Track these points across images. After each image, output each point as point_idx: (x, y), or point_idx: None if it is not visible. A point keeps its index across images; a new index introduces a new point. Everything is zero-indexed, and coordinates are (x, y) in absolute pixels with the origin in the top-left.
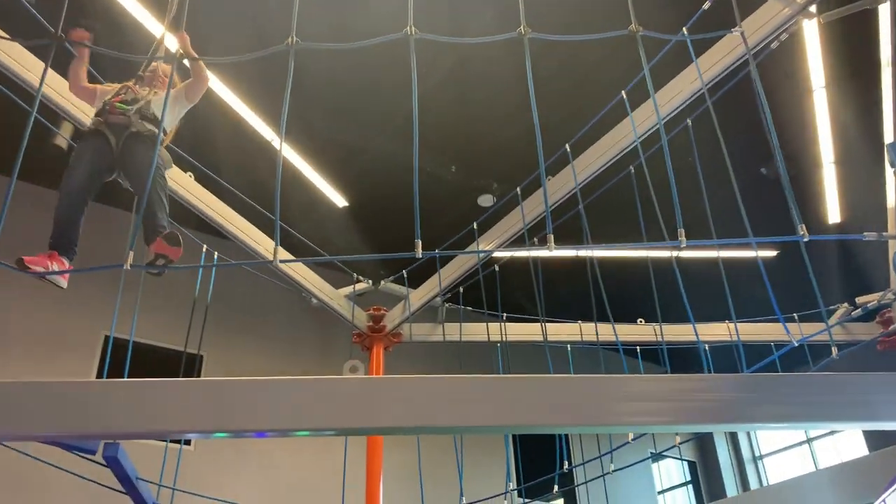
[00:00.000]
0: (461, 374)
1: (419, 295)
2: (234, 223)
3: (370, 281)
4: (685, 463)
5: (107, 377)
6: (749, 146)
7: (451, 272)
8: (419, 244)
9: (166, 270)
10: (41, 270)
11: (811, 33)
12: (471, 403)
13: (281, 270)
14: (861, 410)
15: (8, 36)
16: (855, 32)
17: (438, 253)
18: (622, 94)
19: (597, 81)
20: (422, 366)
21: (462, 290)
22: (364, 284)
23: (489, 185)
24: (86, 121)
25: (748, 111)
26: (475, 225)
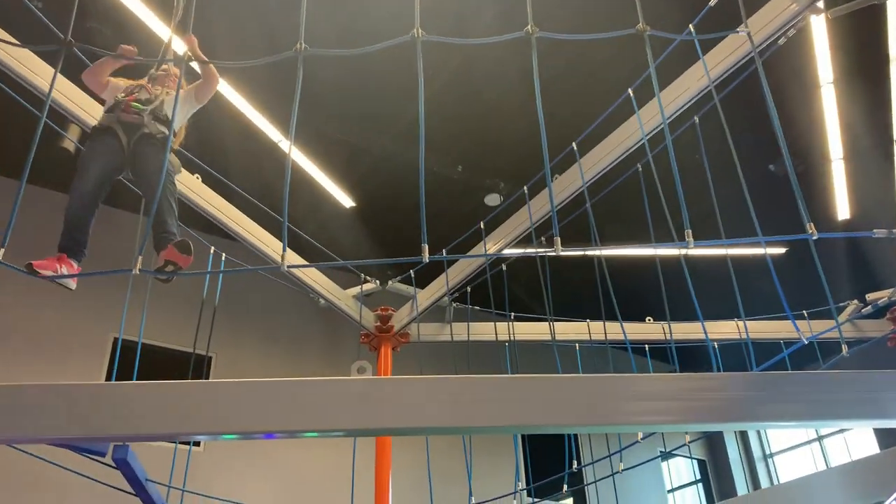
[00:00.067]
0: (469, 374)
1: (427, 295)
2: (242, 225)
3: (377, 281)
4: (695, 461)
5: (116, 379)
6: (757, 143)
7: (459, 272)
8: (426, 248)
9: (175, 277)
10: (50, 274)
11: (819, 29)
12: (479, 404)
13: (289, 272)
14: (872, 408)
15: (18, 42)
16: (863, 28)
17: (445, 257)
18: (629, 92)
19: (603, 80)
20: (429, 366)
21: (470, 290)
22: (371, 285)
23: (496, 185)
24: (93, 122)
25: (756, 108)
26: (482, 224)
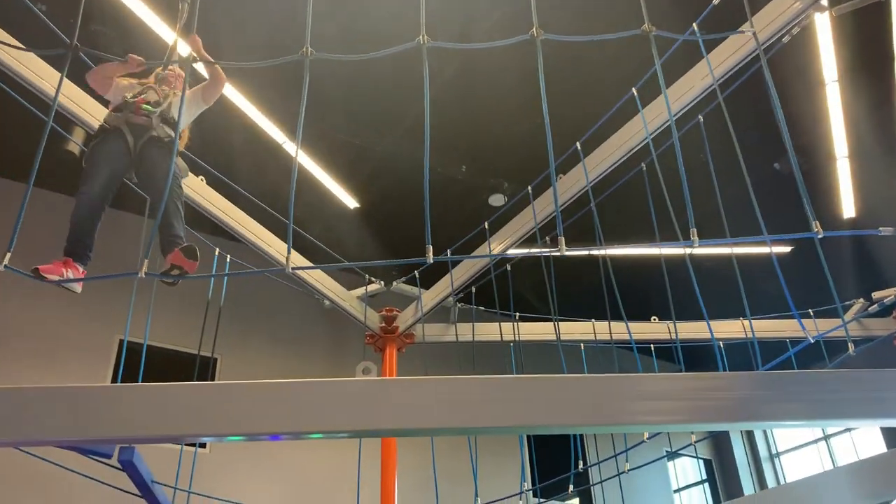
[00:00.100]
0: (474, 375)
1: (431, 295)
2: (247, 227)
3: (382, 282)
4: (701, 461)
5: (121, 381)
6: (762, 141)
7: (463, 272)
8: (430, 249)
9: (180, 280)
10: (57, 279)
11: (823, 27)
12: (485, 404)
13: (294, 274)
14: (879, 407)
15: (24, 46)
16: (867, 25)
17: (450, 258)
18: (633, 91)
19: (608, 79)
20: (434, 366)
21: (474, 290)
22: (376, 285)
23: (500, 185)
24: (97, 123)
25: (761, 106)
26: (486, 224)
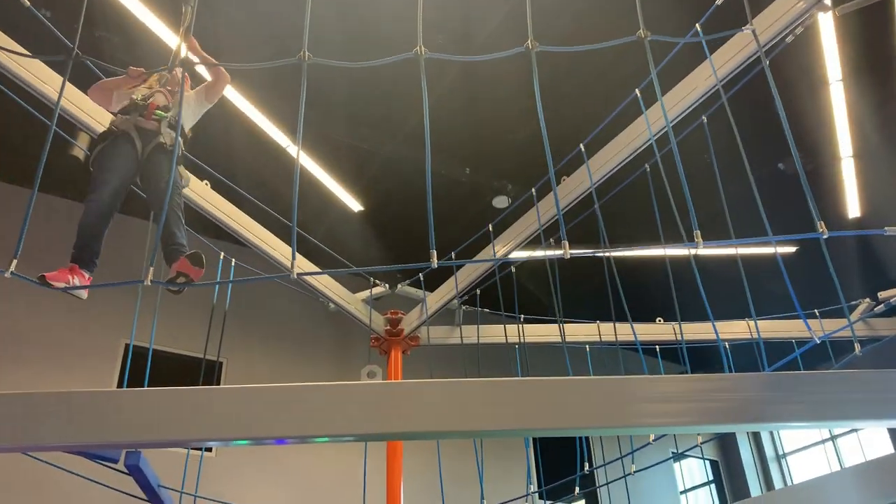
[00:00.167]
0: (480, 377)
1: (436, 298)
2: (252, 231)
3: (387, 285)
4: (707, 462)
5: (127, 385)
6: (766, 141)
7: (468, 275)
8: (434, 254)
9: (186, 288)
10: (63, 286)
11: (826, 26)
12: (490, 407)
13: (299, 279)
14: (886, 408)
15: (27, 53)
16: (871, 24)
17: (454, 262)
18: (636, 93)
19: (611, 80)
20: (439, 369)
21: (479, 292)
22: (381, 288)
23: (504, 187)
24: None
25: (765, 106)
26: (490, 227)
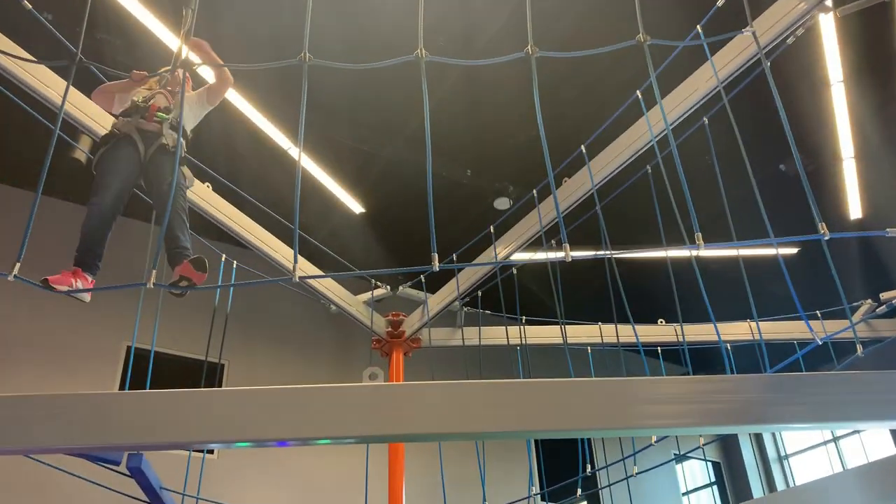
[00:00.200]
0: (481, 379)
1: (437, 300)
2: (254, 233)
3: (388, 286)
4: (709, 464)
5: (129, 387)
6: (767, 142)
7: (469, 276)
8: (436, 257)
9: (188, 291)
10: (66, 289)
11: (828, 27)
12: (492, 409)
13: (301, 281)
14: (888, 409)
15: (29, 56)
16: (872, 25)
17: (455, 265)
18: (637, 94)
19: (612, 81)
20: (441, 370)
21: (480, 294)
22: (382, 290)
23: (505, 188)
24: (105, 132)
25: (766, 107)
26: (492, 228)
